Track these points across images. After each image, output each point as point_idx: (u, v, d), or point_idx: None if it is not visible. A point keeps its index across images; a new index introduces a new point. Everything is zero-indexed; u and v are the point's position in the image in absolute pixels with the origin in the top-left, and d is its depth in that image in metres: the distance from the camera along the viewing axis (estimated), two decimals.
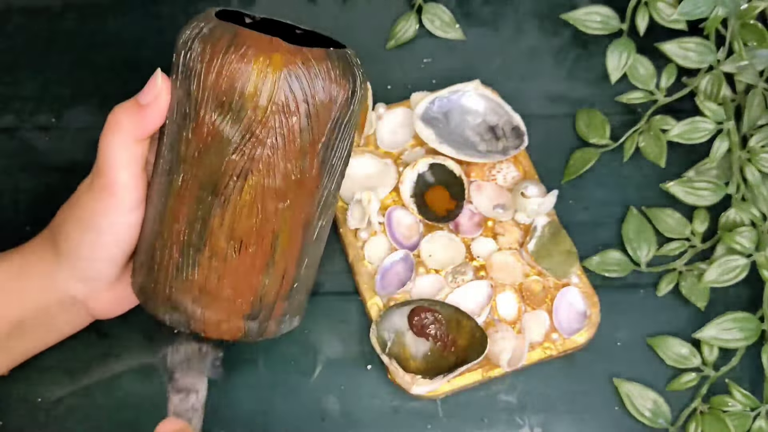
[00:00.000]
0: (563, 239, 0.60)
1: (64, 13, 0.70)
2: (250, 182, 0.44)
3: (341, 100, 0.44)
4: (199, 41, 0.43)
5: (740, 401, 0.56)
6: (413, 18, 0.69)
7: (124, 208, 0.46)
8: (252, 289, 0.46)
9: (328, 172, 0.46)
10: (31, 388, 0.56)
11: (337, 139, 0.45)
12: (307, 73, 0.43)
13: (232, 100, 0.42)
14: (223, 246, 0.45)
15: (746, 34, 0.63)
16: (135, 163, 0.46)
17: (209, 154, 0.44)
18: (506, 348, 0.55)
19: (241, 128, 0.43)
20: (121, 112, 0.45)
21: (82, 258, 0.48)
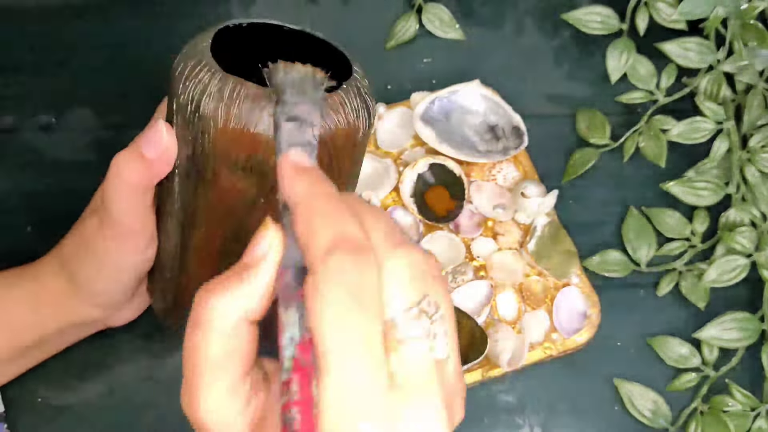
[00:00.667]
0: (563, 239, 0.60)
1: (64, 14, 0.70)
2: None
3: (360, 135, 0.41)
4: (210, 100, 0.39)
5: (740, 401, 0.56)
6: (413, 18, 0.69)
7: (141, 248, 0.45)
8: None
9: None
10: (31, 388, 0.56)
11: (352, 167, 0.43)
12: (326, 123, 0.40)
13: (249, 158, 0.39)
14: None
15: (746, 34, 0.63)
16: (144, 208, 0.44)
17: (233, 210, 0.41)
18: (506, 348, 0.55)
19: (265, 186, 0.40)
20: (124, 165, 0.42)
21: (100, 293, 0.48)
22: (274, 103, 0.36)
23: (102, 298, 0.49)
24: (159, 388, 0.56)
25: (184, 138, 0.41)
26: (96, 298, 0.49)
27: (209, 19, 0.70)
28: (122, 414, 0.56)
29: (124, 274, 0.47)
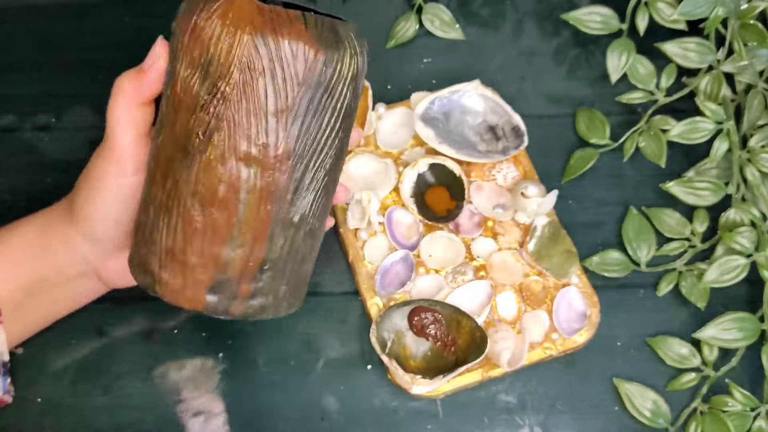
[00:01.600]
0: (563, 239, 0.60)
1: (64, 13, 0.70)
2: (214, 141, 0.43)
3: (317, 66, 0.43)
4: (184, 2, 0.45)
5: (740, 401, 0.56)
6: (413, 18, 0.69)
7: (126, 170, 0.48)
8: (214, 259, 0.46)
9: (304, 147, 0.45)
10: (31, 388, 0.56)
11: (314, 113, 0.44)
12: (274, 33, 0.42)
13: (201, 56, 0.43)
14: (188, 208, 0.45)
15: (746, 34, 0.63)
16: (136, 126, 0.47)
17: (181, 112, 0.44)
18: (506, 348, 0.55)
19: (208, 84, 0.43)
20: (124, 77, 0.48)
21: (90, 218, 0.50)
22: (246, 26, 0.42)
23: (94, 227, 0.50)
24: (159, 388, 0.56)
25: (174, 55, 0.45)
26: (88, 225, 0.50)
27: None
28: (122, 414, 0.56)
29: (110, 196, 0.48)
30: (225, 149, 0.44)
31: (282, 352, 0.58)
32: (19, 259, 0.51)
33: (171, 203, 0.45)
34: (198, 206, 0.45)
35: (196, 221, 0.45)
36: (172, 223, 0.46)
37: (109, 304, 0.58)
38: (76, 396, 0.56)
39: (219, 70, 0.43)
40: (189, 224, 0.45)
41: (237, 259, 0.46)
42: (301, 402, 0.56)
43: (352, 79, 0.45)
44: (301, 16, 0.43)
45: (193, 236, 0.45)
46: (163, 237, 0.46)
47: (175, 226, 0.45)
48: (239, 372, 0.57)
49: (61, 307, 0.55)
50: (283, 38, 0.42)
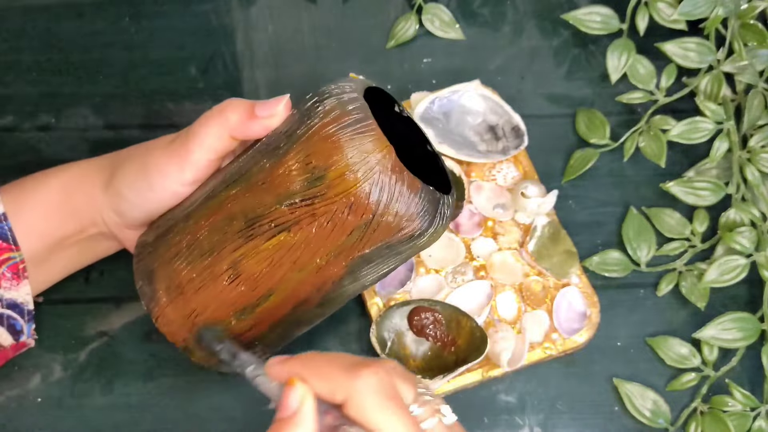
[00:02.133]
0: (563, 239, 0.60)
1: (65, 13, 0.70)
2: (281, 238, 0.44)
3: (406, 231, 0.44)
4: (333, 99, 0.44)
5: (740, 401, 0.56)
6: (413, 18, 0.69)
7: (184, 180, 0.48)
8: (216, 317, 0.47)
9: (350, 278, 0.46)
10: (31, 388, 0.56)
11: (380, 260, 0.46)
12: (393, 191, 0.43)
13: (318, 166, 0.43)
14: (222, 268, 0.46)
15: (746, 34, 0.63)
16: (215, 152, 0.48)
17: (267, 192, 0.44)
18: (506, 348, 0.55)
19: (308, 192, 0.43)
20: (234, 107, 0.47)
21: (125, 198, 0.50)
22: (378, 154, 0.43)
23: (123, 206, 0.50)
24: (159, 388, 0.56)
25: (286, 126, 0.46)
26: (119, 201, 0.50)
27: (209, 18, 0.70)
28: (122, 414, 0.56)
29: (153, 194, 0.49)
30: (284, 249, 0.45)
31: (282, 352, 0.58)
32: (44, 215, 0.52)
33: (208, 250, 0.46)
34: (231, 274, 0.46)
35: (221, 282, 0.46)
36: (198, 266, 0.47)
37: (109, 304, 0.58)
38: (76, 396, 0.56)
39: (325, 191, 0.43)
40: (212, 279, 0.46)
41: (235, 328, 0.48)
42: None
43: (422, 247, 0.47)
44: (420, 188, 0.44)
45: (210, 290, 0.47)
46: (182, 270, 0.47)
47: (199, 271, 0.47)
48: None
49: (79, 260, 0.56)
50: (397, 202, 0.43)
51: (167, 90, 0.66)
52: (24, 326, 0.54)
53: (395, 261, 0.47)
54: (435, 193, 0.45)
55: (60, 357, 0.57)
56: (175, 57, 0.68)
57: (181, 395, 0.56)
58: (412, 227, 0.44)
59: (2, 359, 0.55)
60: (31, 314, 0.54)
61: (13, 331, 0.53)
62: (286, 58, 0.68)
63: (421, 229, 0.45)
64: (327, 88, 0.45)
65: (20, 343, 0.55)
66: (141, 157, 0.50)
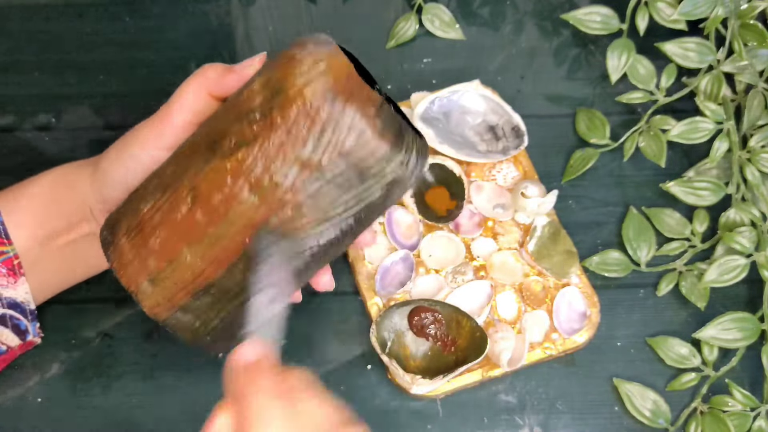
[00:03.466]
0: (563, 239, 0.60)
1: (65, 13, 0.70)
2: (238, 155, 0.44)
3: (363, 151, 0.43)
4: (303, 38, 0.46)
5: (740, 401, 0.56)
6: (413, 18, 0.69)
7: (163, 143, 0.48)
8: (170, 254, 0.46)
9: (310, 209, 0.45)
10: (31, 388, 0.56)
11: (338, 187, 0.44)
12: (347, 99, 0.43)
13: (278, 81, 0.44)
14: (182, 195, 0.45)
15: (746, 34, 0.63)
16: (193, 112, 0.48)
17: (231, 114, 0.45)
18: (506, 348, 0.55)
19: (266, 106, 0.44)
20: (211, 66, 0.49)
21: (108, 176, 0.50)
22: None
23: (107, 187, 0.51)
24: (159, 388, 0.56)
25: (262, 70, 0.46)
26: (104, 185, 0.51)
27: (209, 18, 0.71)
28: (122, 414, 0.56)
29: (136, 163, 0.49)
30: (242, 167, 0.44)
31: (282, 352, 0.58)
32: (32, 210, 0.52)
33: (170, 184, 0.46)
34: (189, 200, 0.45)
35: (179, 211, 0.46)
36: (159, 201, 0.46)
37: (109, 304, 0.58)
38: (76, 396, 0.56)
39: (282, 100, 0.43)
40: (172, 210, 0.46)
41: (188, 267, 0.46)
42: None
43: (390, 184, 0.45)
44: (379, 101, 0.44)
45: (168, 223, 0.46)
46: (144, 210, 0.47)
47: (159, 206, 0.46)
48: None
49: (72, 268, 0.55)
50: (351, 109, 0.43)
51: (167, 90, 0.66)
52: (29, 326, 0.54)
53: (355, 199, 0.45)
54: (397, 116, 0.44)
55: (60, 357, 0.57)
56: (175, 57, 0.68)
57: (181, 395, 0.56)
58: (371, 146, 0.43)
59: (10, 358, 0.55)
60: (34, 314, 0.54)
61: (18, 332, 0.53)
62: None
63: (383, 151, 0.43)
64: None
65: (27, 342, 0.55)
66: (124, 137, 0.51)
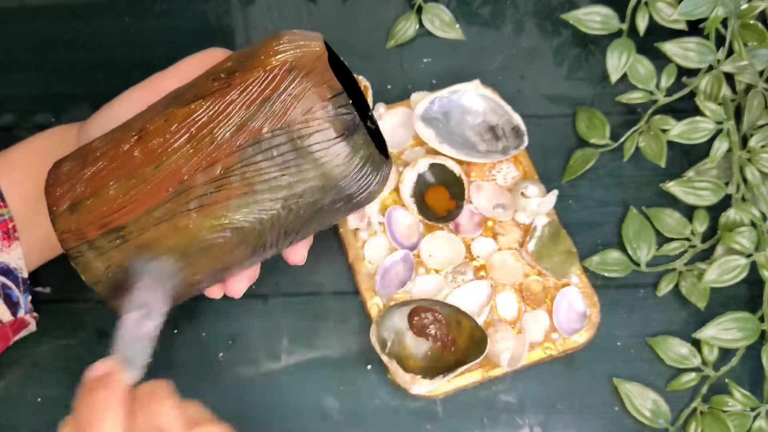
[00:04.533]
0: (563, 239, 0.60)
1: (64, 13, 0.70)
2: (191, 106, 0.45)
3: (308, 131, 0.43)
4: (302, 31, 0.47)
5: (740, 401, 0.56)
6: (413, 18, 0.69)
7: (141, 103, 0.49)
8: (97, 182, 0.46)
9: (240, 175, 0.44)
10: (31, 388, 0.56)
11: (271, 160, 0.43)
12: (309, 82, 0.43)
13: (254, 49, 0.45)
14: (130, 134, 0.46)
15: (746, 34, 0.63)
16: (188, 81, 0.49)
17: (203, 74, 0.47)
18: (506, 348, 0.55)
19: (234, 66, 0.45)
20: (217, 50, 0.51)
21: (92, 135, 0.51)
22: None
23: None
24: None
25: None
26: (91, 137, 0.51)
27: (209, 18, 0.70)
28: None
29: (115, 118, 0.50)
30: (189, 117, 0.45)
31: (281, 352, 0.58)
32: (23, 169, 0.52)
33: (127, 124, 0.48)
34: (134, 139, 0.46)
35: (122, 147, 0.46)
36: (110, 136, 0.48)
37: None
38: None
39: (248, 64, 0.44)
40: (116, 145, 0.47)
41: (108, 200, 0.46)
42: (301, 402, 0.56)
43: (330, 179, 0.44)
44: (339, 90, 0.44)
45: (107, 156, 0.47)
46: (95, 142, 0.48)
47: (109, 140, 0.47)
48: (240, 371, 0.57)
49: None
50: (306, 82, 0.43)
51: None
52: (20, 297, 0.53)
53: (293, 182, 0.44)
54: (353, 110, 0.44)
55: (60, 357, 0.57)
56: (175, 57, 0.68)
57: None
58: (318, 129, 0.43)
59: (3, 340, 0.54)
60: (27, 283, 0.53)
61: (10, 303, 0.53)
62: None
63: (326, 134, 0.43)
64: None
65: (19, 321, 0.54)
66: (112, 101, 0.52)
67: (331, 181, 0.44)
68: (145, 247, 0.46)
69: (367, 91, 0.63)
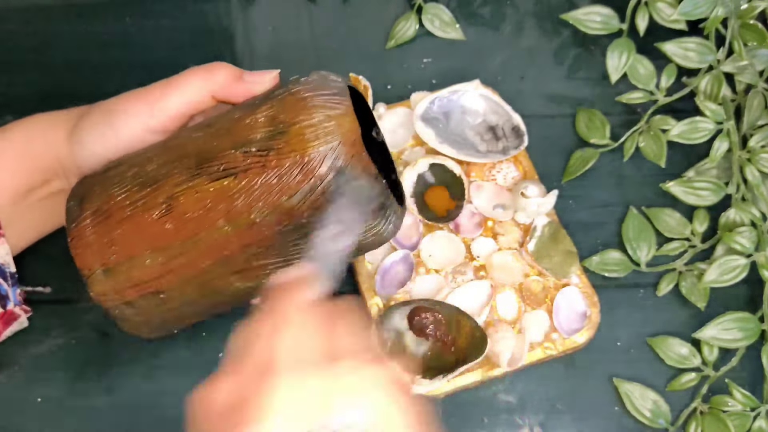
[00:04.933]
0: (563, 239, 0.60)
1: (64, 13, 0.70)
2: (224, 182, 0.44)
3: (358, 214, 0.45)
4: (317, 75, 0.46)
5: (740, 401, 0.56)
6: (413, 18, 0.69)
7: (147, 125, 0.47)
8: (131, 249, 0.46)
9: (278, 250, 0.46)
10: (31, 388, 0.56)
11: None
12: (347, 165, 0.43)
13: (283, 122, 0.43)
14: (157, 201, 0.46)
15: (746, 34, 0.63)
16: (190, 105, 0.47)
17: (228, 138, 0.45)
18: (506, 348, 0.55)
19: (266, 144, 0.43)
20: (222, 67, 0.47)
21: (84, 145, 0.49)
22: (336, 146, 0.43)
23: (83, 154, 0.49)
24: (159, 388, 0.56)
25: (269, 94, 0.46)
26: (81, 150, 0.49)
27: (209, 18, 0.70)
28: (122, 414, 0.56)
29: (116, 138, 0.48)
30: (224, 195, 0.44)
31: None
32: (5, 165, 0.50)
33: (149, 184, 0.46)
34: (164, 208, 0.45)
35: (151, 215, 0.46)
36: (135, 196, 0.46)
37: None
38: (76, 396, 0.56)
39: (283, 145, 0.43)
40: (145, 211, 0.46)
41: (144, 268, 0.46)
42: None
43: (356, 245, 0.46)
44: (374, 174, 0.45)
45: (137, 221, 0.46)
46: (118, 195, 0.47)
47: (134, 201, 0.46)
48: None
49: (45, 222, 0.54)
50: (353, 175, 0.43)
51: None
52: (9, 290, 0.53)
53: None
54: (387, 189, 0.45)
55: (60, 357, 0.57)
56: (175, 57, 0.68)
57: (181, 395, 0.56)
58: (359, 212, 0.45)
59: None
60: (15, 278, 0.53)
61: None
62: (286, 58, 0.68)
63: (365, 220, 0.45)
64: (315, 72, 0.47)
65: (9, 313, 0.54)
66: (108, 105, 0.49)
67: (361, 250, 0.48)
68: (183, 304, 0.48)
69: (367, 91, 0.63)
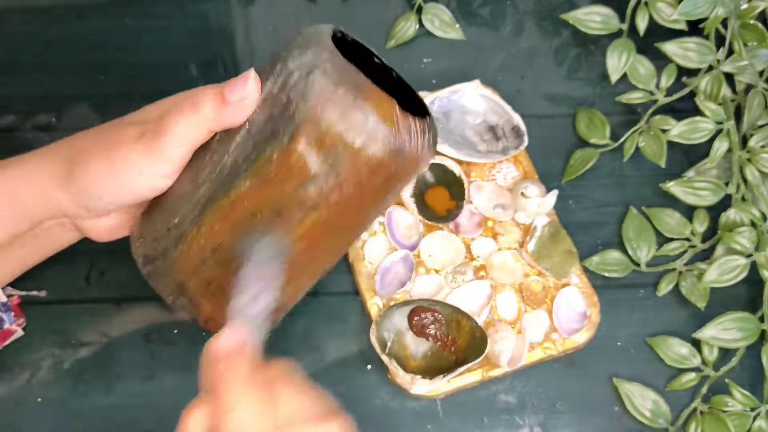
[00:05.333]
0: (563, 239, 0.60)
1: (65, 14, 0.70)
2: (312, 217, 0.44)
3: (419, 167, 0.45)
4: (320, 75, 0.42)
5: (740, 401, 0.56)
6: (413, 18, 0.69)
7: (160, 174, 0.46)
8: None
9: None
10: (31, 388, 0.56)
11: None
12: (403, 138, 0.43)
13: (336, 143, 0.42)
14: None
15: (746, 34, 0.63)
16: (192, 145, 0.45)
17: (288, 181, 0.43)
18: (506, 348, 0.55)
19: (331, 170, 0.42)
20: (205, 98, 0.44)
21: (93, 196, 0.47)
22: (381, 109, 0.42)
23: (91, 202, 0.48)
24: (159, 388, 0.56)
25: (273, 98, 0.42)
26: (86, 199, 0.48)
27: (209, 18, 0.71)
28: (122, 414, 0.56)
29: (128, 190, 0.47)
30: (320, 227, 0.45)
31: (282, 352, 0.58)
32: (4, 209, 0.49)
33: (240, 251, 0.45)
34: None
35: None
36: (233, 265, 0.45)
37: (109, 304, 0.58)
38: (76, 396, 0.56)
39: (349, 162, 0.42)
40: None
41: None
42: None
43: None
44: (428, 126, 0.45)
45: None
46: (216, 273, 0.47)
47: (235, 269, 0.45)
48: None
49: (39, 254, 0.54)
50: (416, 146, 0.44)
51: (167, 90, 0.66)
52: (4, 316, 0.54)
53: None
54: (430, 120, 0.46)
55: (60, 357, 0.57)
56: (175, 57, 0.68)
57: (181, 396, 0.56)
58: (425, 161, 0.45)
59: None
60: (7, 305, 0.53)
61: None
62: None
63: (426, 159, 0.46)
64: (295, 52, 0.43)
65: (6, 331, 0.54)
66: (106, 153, 0.47)
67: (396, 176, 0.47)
68: None
69: None
